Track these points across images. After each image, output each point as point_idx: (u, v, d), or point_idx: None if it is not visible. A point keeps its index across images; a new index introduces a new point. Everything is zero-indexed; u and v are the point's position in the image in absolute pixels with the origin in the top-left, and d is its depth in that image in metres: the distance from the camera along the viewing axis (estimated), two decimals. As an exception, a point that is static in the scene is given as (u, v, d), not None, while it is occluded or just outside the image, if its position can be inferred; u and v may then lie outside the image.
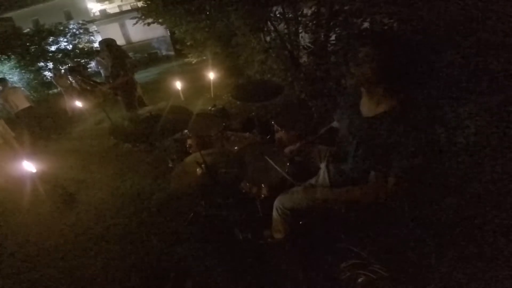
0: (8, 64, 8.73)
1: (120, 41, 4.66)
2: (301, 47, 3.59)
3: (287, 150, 1.72)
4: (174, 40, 10.61)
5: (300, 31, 3.48)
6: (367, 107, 1.15)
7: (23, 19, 15.55)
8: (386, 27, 2.40)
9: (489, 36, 1.75)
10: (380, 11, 2.42)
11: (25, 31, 10.47)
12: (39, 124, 5.41)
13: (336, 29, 3.00)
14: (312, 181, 1.52)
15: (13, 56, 8.93)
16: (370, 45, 1.03)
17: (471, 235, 1.61)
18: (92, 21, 14.68)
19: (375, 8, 2.46)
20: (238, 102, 4.05)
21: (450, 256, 1.52)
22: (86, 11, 17.54)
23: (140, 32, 13.31)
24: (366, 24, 2.69)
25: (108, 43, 3.45)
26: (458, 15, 1.84)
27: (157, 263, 1.92)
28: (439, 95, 2.04)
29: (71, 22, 12.52)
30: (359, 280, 1.40)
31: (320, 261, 1.58)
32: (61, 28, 11.11)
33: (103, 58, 6.79)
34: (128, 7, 17.00)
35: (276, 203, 1.54)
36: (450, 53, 1.89)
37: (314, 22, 3.21)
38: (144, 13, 5.25)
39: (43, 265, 2.17)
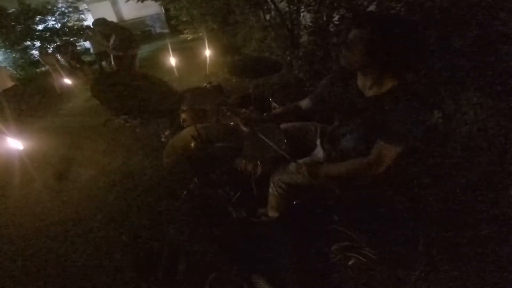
0: (-8, 44, 8.33)
1: (112, 19, 4.56)
2: (302, 26, 3.47)
3: (283, 126, 1.66)
4: (169, 18, 10.21)
5: (302, 10, 3.35)
6: (368, 87, 1.10)
7: (8, -2, 14.67)
8: (393, 11, 2.30)
9: (504, 29, 1.72)
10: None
11: (9, 11, 9.94)
12: (27, 102, 5.18)
13: (340, 9, 2.88)
14: (307, 159, 1.46)
15: (-4, 36, 8.52)
16: (361, 27, 0.98)
17: (460, 223, 1.63)
18: (82, -1, 13.97)
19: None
20: (234, 80, 3.97)
21: (438, 243, 1.54)
22: (76, -12, 16.65)
23: (133, 9, 12.72)
24: (372, 7, 2.59)
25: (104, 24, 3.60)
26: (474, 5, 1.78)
27: (148, 244, 1.86)
28: (439, 81, 2.00)
29: (59, 0, 11.94)
30: (350, 262, 1.43)
31: (312, 242, 1.57)
32: (49, 7, 10.60)
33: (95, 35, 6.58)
34: (121, -17, 16.18)
35: (272, 177, 1.50)
36: (458, 41, 1.84)
37: (318, 1, 3.08)
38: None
39: (32, 247, 2.08)
